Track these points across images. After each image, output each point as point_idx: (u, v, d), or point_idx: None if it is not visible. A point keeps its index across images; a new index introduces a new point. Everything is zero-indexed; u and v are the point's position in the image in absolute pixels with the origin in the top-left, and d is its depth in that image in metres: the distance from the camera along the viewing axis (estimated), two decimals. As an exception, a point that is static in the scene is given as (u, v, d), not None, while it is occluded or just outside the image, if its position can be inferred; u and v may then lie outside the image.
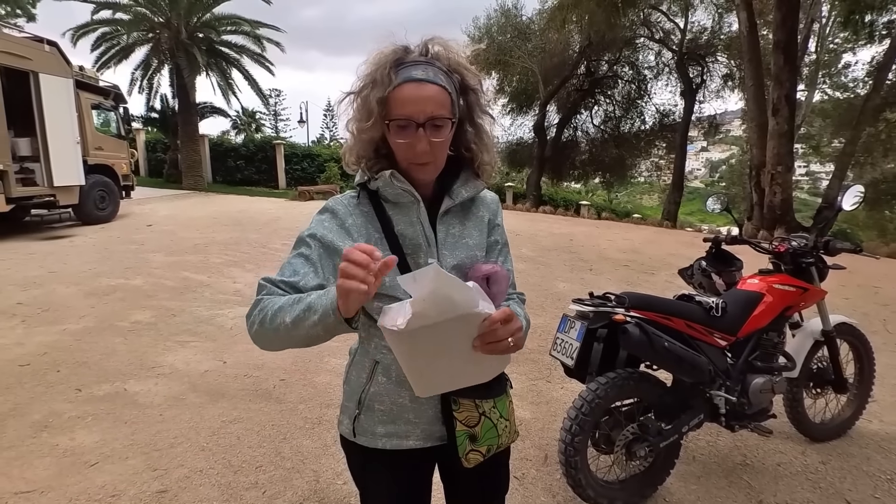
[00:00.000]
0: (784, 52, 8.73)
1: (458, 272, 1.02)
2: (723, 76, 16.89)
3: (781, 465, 2.39)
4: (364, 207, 1.01)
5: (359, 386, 1.05)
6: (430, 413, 1.03)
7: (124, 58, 14.49)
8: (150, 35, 14.31)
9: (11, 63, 7.35)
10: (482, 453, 1.01)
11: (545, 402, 2.97)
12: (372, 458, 1.05)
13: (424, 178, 0.99)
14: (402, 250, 0.99)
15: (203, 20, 14.82)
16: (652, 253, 7.51)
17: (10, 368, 3.25)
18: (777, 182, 8.92)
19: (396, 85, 0.89)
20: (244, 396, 2.97)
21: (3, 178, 7.34)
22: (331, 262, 0.96)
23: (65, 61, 8.36)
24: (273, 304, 0.89)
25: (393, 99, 0.90)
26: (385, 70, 0.89)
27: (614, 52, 17.37)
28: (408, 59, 0.92)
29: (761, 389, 2.14)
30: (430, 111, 0.90)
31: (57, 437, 2.50)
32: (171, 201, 12.65)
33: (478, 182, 1.06)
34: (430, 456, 1.09)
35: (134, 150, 12.23)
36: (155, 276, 5.59)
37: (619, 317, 1.86)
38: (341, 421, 1.10)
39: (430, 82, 0.90)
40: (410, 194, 0.98)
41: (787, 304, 2.23)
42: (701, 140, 45.12)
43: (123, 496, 2.08)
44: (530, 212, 13.09)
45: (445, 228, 1.03)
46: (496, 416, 1.03)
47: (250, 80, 15.98)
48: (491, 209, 1.12)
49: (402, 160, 0.96)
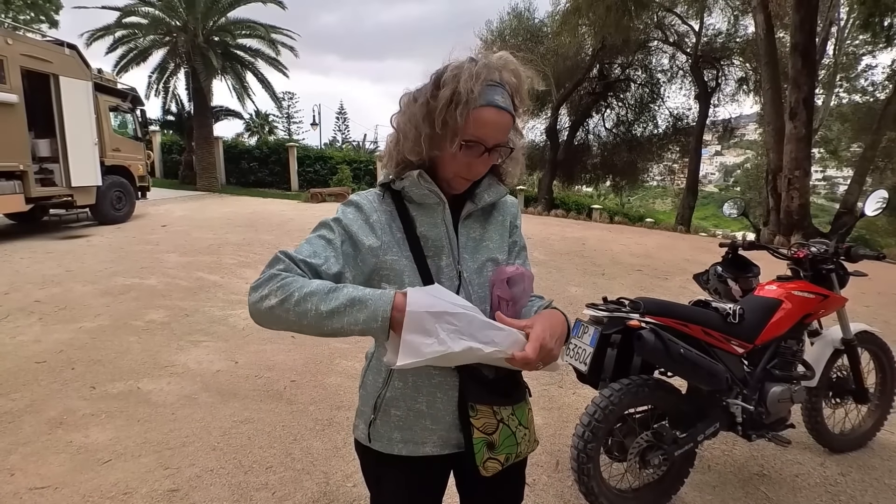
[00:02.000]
0: (802, 54, 8.59)
1: (479, 275, 1.02)
2: (738, 80, 16.68)
3: (799, 477, 2.33)
4: (387, 206, 1.01)
5: (375, 390, 1.04)
6: (447, 419, 1.01)
7: (142, 61, 14.75)
8: (166, 38, 14.55)
9: (33, 66, 7.51)
10: (500, 462, 0.99)
11: (557, 407, 2.94)
12: (387, 463, 1.04)
13: (460, 190, 1.01)
14: (422, 252, 0.99)
15: (219, 24, 15.03)
16: (666, 258, 7.42)
17: (28, 365, 3.30)
18: (794, 187, 8.77)
19: (480, 105, 0.90)
20: (255, 397, 2.98)
21: (23, 179, 7.49)
22: (352, 252, 0.95)
23: (84, 64, 8.53)
24: (299, 285, 0.84)
25: (473, 118, 0.91)
26: (469, 84, 0.89)
27: (627, 55, 17.26)
28: (491, 80, 0.92)
29: (779, 398, 2.09)
30: (500, 139, 0.94)
31: (71, 433, 2.53)
32: (186, 202, 12.82)
33: (501, 187, 1.07)
34: (447, 463, 1.07)
35: (150, 151, 12.39)
36: (169, 275, 5.66)
37: (634, 322, 1.83)
38: (357, 426, 1.09)
39: (507, 111, 0.93)
40: (437, 195, 0.98)
41: (806, 311, 2.18)
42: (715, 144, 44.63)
43: (135, 494, 2.09)
44: (542, 215, 13.03)
45: (466, 232, 1.04)
46: (515, 424, 1.01)
47: (265, 84, 16.17)
48: (511, 212, 1.13)
49: (451, 172, 0.97)
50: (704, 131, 19.64)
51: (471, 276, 1.02)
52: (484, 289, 1.02)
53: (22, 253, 6.70)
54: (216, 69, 14.29)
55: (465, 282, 1.01)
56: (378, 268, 0.98)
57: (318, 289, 0.84)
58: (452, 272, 1.00)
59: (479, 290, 1.02)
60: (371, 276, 0.98)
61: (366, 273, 0.98)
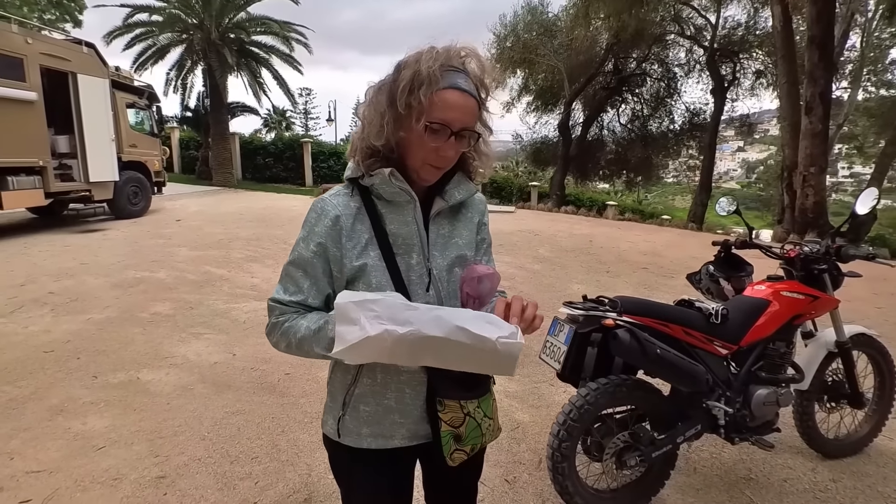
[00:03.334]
0: (819, 47, 8.32)
1: (448, 272, 1.04)
2: (755, 73, 16.24)
3: (788, 482, 2.29)
4: (355, 203, 1.01)
5: (343, 387, 1.06)
6: (415, 413, 1.04)
7: (160, 58, 15.03)
8: (183, 36, 14.79)
9: (52, 64, 7.72)
10: (466, 452, 1.03)
11: (545, 405, 2.93)
12: (357, 457, 1.07)
13: (431, 180, 1.01)
14: (391, 249, 1.00)
15: (234, 21, 15.22)
16: (673, 256, 7.31)
17: (36, 354, 3.42)
18: (809, 184, 8.53)
19: (443, 88, 0.90)
20: (249, 389, 3.04)
21: (42, 174, 7.73)
22: (329, 269, 1.00)
23: (101, 62, 8.73)
24: (293, 331, 0.97)
25: (437, 101, 0.91)
26: (435, 68, 0.90)
27: (643, 48, 16.94)
28: (452, 64, 0.93)
29: (765, 401, 2.06)
30: (467, 122, 0.94)
31: (70, 420, 2.62)
32: (201, 197, 13.06)
33: (470, 185, 1.08)
34: (414, 454, 1.11)
35: (166, 147, 12.65)
36: (178, 269, 5.79)
37: (609, 321, 1.82)
38: (325, 421, 1.11)
39: (470, 94, 0.93)
40: (408, 194, 0.98)
41: (795, 312, 2.13)
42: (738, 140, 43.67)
43: (125, 480, 2.16)
44: (552, 212, 12.93)
45: (436, 229, 1.05)
46: (480, 416, 1.04)
47: (279, 80, 16.33)
48: (479, 209, 1.15)
49: (419, 160, 0.96)
50: (724, 127, 19.25)
51: (440, 273, 1.03)
52: (453, 285, 1.04)
53: (41, 246, 6.92)
54: (231, 66, 14.49)
55: (434, 279, 1.02)
56: (350, 270, 0.99)
57: (306, 334, 0.95)
58: (422, 269, 1.02)
59: (449, 286, 1.04)
60: (348, 277, 1.00)
61: (345, 277, 1.00)
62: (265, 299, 1.01)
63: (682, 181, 24.68)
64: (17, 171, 7.37)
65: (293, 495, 2.09)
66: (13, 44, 7.12)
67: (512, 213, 12.05)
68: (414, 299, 0.99)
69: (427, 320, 0.85)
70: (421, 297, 1.01)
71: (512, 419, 2.76)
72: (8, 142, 7.12)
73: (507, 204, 14.03)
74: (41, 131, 7.63)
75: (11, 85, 7.05)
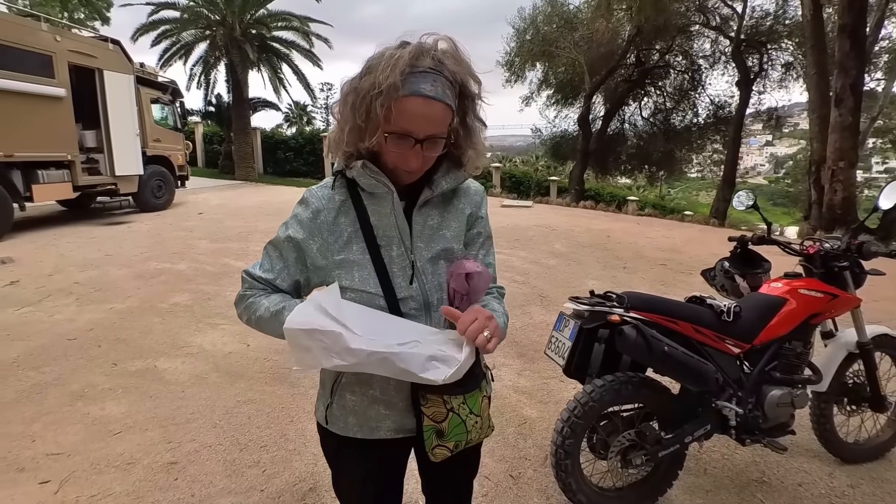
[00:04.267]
0: (850, 36, 7.96)
1: (433, 264, 1.02)
2: (784, 65, 15.67)
3: (803, 486, 2.22)
4: (340, 196, 1.01)
5: (332, 376, 1.07)
6: (400, 405, 1.04)
7: (185, 55, 15.31)
8: (206, 32, 15.03)
9: (79, 61, 7.95)
10: (449, 448, 1.00)
11: (554, 402, 2.91)
12: (344, 445, 1.08)
13: (409, 180, 0.99)
14: (375, 241, 0.99)
15: (255, 17, 15.39)
16: (693, 252, 7.14)
17: (60, 342, 3.55)
18: (838, 179, 8.20)
19: (404, 96, 0.86)
20: (261, 378, 3.09)
21: (71, 168, 7.99)
22: (303, 258, 1.02)
23: (127, 59, 8.95)
24: (255, 309, 1.01)
25: (397, 109, 0.87)
26: (394, 76, 0.85)
27: (667, 40, 16.51)
28: (418, 67, 0.87)
29: (778, 403, 1.99)
30: (431, 130, 0.90)
31: (89, 406, 2.71)
32: (223, 191, 13.31)
33: (459, 173, 1.04)
34: (405, 446, 1.11)
35: (189, 142, 12.91)
36: (198, 261, 5.92)
37: (615, 317, 1.79)
38: (317, 408, 1.13)
39: (437, 100, 0.88)
40: (384, 185, 0.96)
41: (812, 311, 2.05)
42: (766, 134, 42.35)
43: (138, 464, 2.22)
44: (570, 206, 12.77)
45: (423, 220, 1.03)
46: (465, 413, 1.00)
47: (299, 75, 16.48)
48: (474, 201, 1.10)
49: (391, 163, 0.95)
50: (751, 120, 18.66)
51: (424, 266, 1.01)
52: (437, 277, 1.02)
53: (69, 237, 7.16)
54: (252, 61, 14.68)
55: (418, 271, 1.01)
56: (329, 265, 1.00)
57: (263, 313, 1.00)
58: (405, 261, 1.00)
59: (433, 278, 1.02)
60: (328, 271, 1.01)
61: (321, 270, 1.01)
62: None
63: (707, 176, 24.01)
64: (47, 165, 7.63)
65: (299, 484, 2.12)
66: (43, 42, 7.35)
67: (529, 207, 11.95)
68: (398, 293, 0.99)
69: (372, 362, 0.88)
70: (404, 289, 1.00)
71: (519, 415, 2.74)
72: (38, 137, 7.37)
73: (525, 199, 13.90)
74: (70, 126, 7.88)
75: (41, 81, 7.29)
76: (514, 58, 17.55)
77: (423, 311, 1.01)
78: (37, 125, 7.30)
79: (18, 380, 2.98)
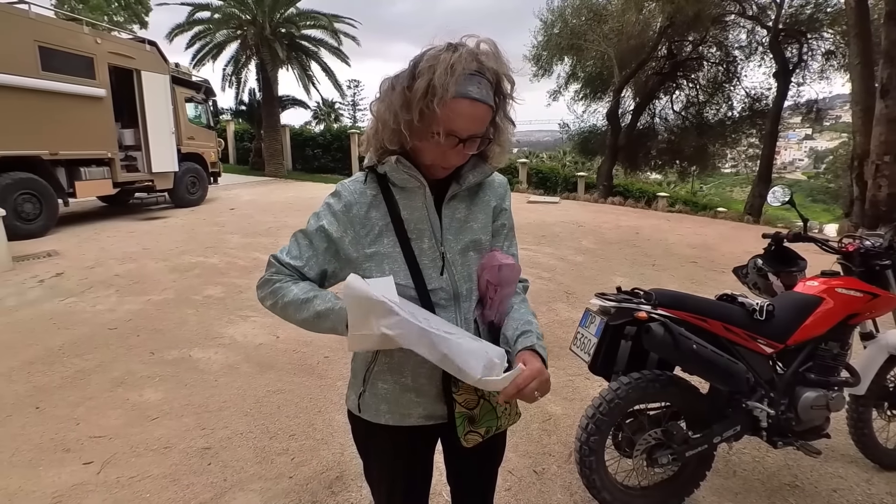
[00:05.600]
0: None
1: (462, 256, 1.05)
2: (825, 54, 14.94)
3: (838, 492, 2.15)
4: (372, 191, 1.04)
5: (364, 365, 1.11)
6: (431, 393, 1.06)
7: (217, 54, 15.73)
8: (238, 32, 15.39)
9: (118, 62, 8.27)
10: (481, 434, 1.03)
11: (579, 398, 2.89)
12: (375, 431, 1.11)
13: (441, 176, 1.02)
14: (406, 235, 1.02)
15: (285, 16, 15.66)
16: (726, 250, 6.93)
17: (101, 331, 3.72)
18: (883, 174, 7.78)
19: (454, 97, 0.90)
20: (290, 370, 3.18)
21: (111, 165, 8.33)
22: (333, 249, 1.05)
23: (163, 59, 9.25)
24: (282, 294, 1.03)
25: (447, 110, 0.90)
26: (444, 78, 0.89)
27: (700, 31, 15.97)
28: (466, 70, 0.91)
29: (813, 405, 1.93)
30: (474, 130, 0.95)
31: (129, 392, 2.85)
32: (254, 187, 13.64)
33: (486, 166, 1.07)
34: (433, 433, 1.14)
35: (221, 139, 13.27)
36: (230, 255, 6.10)
37: (642, 314, 1.76)
38: (348, 396, 1.17)
39: (482, 102, 0.93)
40: (416, 179, 1.00)
41: (850, 311, 1.98)
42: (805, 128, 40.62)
43: (174, 449, 2.32)
44: (598, 203, 12.56)
45: (451, 213, 1.06)
46: (496, 400, 1.04)
47: (328, 72, 16.71)
48: (498, 193, 1.14)
49: (429, 159, 0.99)
50: (790, 113, 17.91)
51: (454, 258, 1.04)
52: (467, 268, 1.05)
53: (109, 232, 7.48)
54: (282, 60, 14.96)
55: (448, 263, 1.04)
56: (360, 258, 1.03)
57: (293, 299, 1.01)
58: (435, 254, 1.03)
59: (463, 269, 1.05)
60: (358, 263, 1.03)
61: (351, 262, 1.04)
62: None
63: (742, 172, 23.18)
64: (88, 163, 7.99)
65: (326, 472, 2.18)
66: (84, 44, 7.68)
67: (556, 203, 11.81)
68: (428, 284, 1.02)
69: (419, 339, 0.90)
70: (435, 280, 1.02)
71: (544, 411, 2.74)
72: (81, 135, 7.72)
73: (552, 195, 13.74)
74: (110, 125, 8.21)
75: (83, 82, 7.62)
76: (542, 51, 17.31)
77: (453, 302, 1.04)
78: (79, 124, 7.64)
79: (64, 366, 3.15)
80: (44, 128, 7.14)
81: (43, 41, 7.00)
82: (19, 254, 5.80)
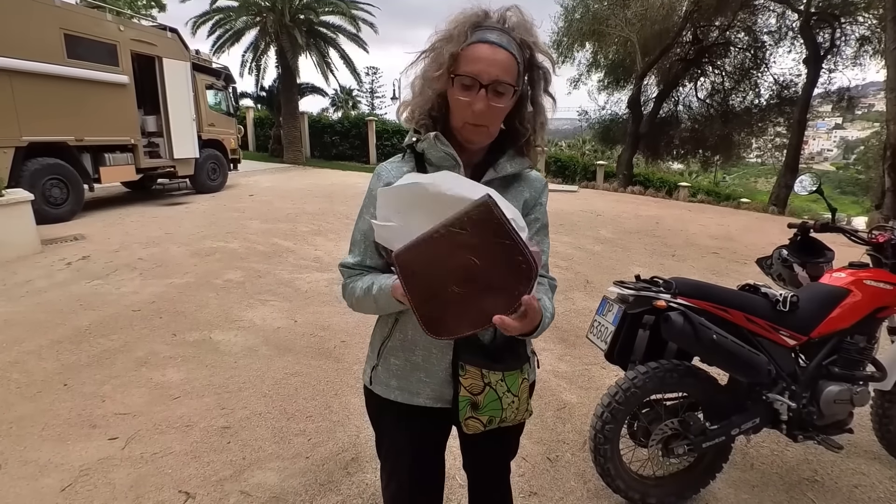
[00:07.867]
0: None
1: None
2: (859, 39, 14.30)
3: (859, 488, 2.11)
4: (408, 168, 1.07)
5: (380, 339, 1.14)
6: (440, 375, 1.08)
7: (236, 41, 15.80)
8: (257, 19, 15.43)
9: (141, 50, 8.37)
10: (482, 422, 1.04)
11: (595, 387, 2.87)
12: (386, 407, 1.14)
13: (476, 141, 1.03)
14: None
15: (304, 2, 15.64)
16: (749, 241, 6.77)
17: (126, 313, 3.83)
18: (919, 164, 7.53)
19: (471, 43, 0.94)
20: (307, 353, 3.23)
21: (134, 151, 8.48)
22: None
23: (184, 46, 9.33)
24: (352, 293, 1.09)
25: (464, 55, 0.94)
26: (463, 28, 0.94)
27: (727, 15, 15.44)
28: (485, 24, 0.96)
29: (836, 399, 1.89)
30: (497, 74, 0.94)
31: (152, 372, 2.93)
32: (273, 174, 13.77)
33: (524, 160, 1.09)
34: (445, 417, 1.14)
35: (241, 126, 13.39)
36: (250, 240, 6.18)
37: (661, 303, 1.74)
38: (365, 370, 1.20)
39: (502, 48, 0.94)
40: (452, 158, 1.02)
41: (879, 304, 1.92)
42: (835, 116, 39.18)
43: (195, 427, 2.39)
44: (618, 192, 12.37)
45: None
46: (503, 390, 1.04)
47: (346, 60, 16.68)
48: (534, 187, 1.14)
49: (459, 119, 1.00)
50: (820, 102, 17.26)
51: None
52: None
53: (133, 217, 7.65)
54: (301, 46, 14.97)
55: None
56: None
57: (360, 295, 1.07)
58: None
59: None
60: None
61: None
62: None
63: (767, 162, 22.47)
64: (112, 149, 8.14)
65: (342, 453, 2.22)
66: (108, 32, 7.78)
67: (574, 192, 11.67)
68: None
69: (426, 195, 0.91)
70: None
71: (559, 399, 2.73)
72: (105, 122, 7.86)
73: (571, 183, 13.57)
74: (133, 112, 8.34)
75: (107, 69, 7.73)
76: (563, 37, 16.98)
77: None
78: (103, 111, 7.78)
79: (91, 345, 3.25)
80: (69, 114, 7.29)
81: (68, 29, 7.12)
82: (48, 237, 5.98)
